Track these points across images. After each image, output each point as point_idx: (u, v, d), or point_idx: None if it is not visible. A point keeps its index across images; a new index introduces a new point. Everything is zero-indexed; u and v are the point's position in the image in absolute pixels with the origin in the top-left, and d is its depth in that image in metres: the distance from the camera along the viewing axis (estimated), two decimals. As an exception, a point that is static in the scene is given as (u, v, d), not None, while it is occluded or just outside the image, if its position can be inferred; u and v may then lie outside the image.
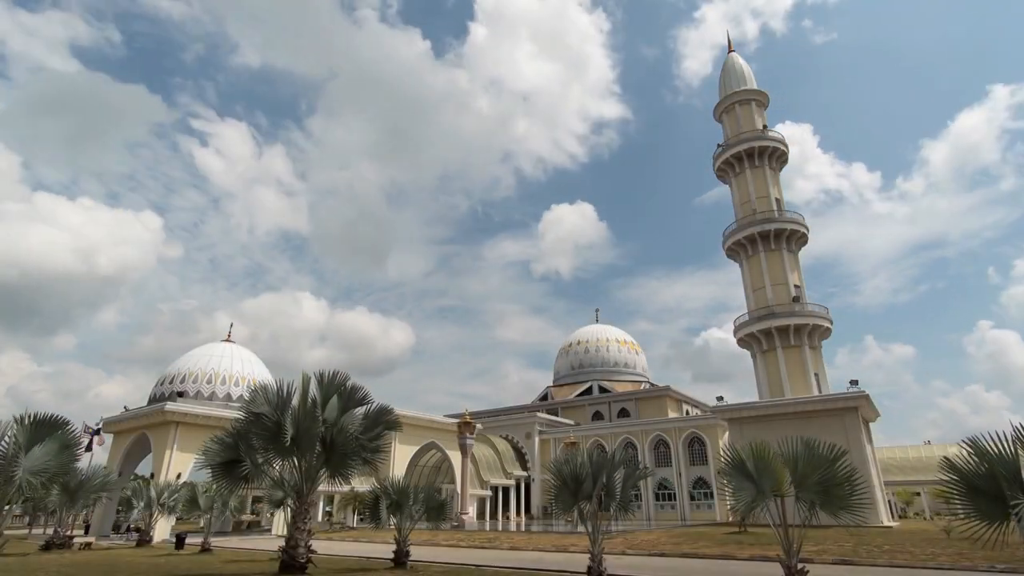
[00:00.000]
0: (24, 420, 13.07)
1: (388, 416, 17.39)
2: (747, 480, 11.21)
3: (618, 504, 13.75)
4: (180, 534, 27.79)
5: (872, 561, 18.26)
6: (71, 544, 26.98)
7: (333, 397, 16.31)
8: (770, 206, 52.16)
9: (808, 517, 10.82)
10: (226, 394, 42.19)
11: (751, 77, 58.64)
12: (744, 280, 52.73)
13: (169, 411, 36.25)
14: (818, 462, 10.76)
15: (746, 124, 55.93)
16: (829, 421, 40.12)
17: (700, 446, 56.82)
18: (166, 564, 19.18)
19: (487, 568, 17.23)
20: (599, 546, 13.41)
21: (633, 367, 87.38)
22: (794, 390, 45.78)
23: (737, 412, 45.18)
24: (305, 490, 16.08)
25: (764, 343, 48.72)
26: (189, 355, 44.83)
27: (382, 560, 19.24)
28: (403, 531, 18.23)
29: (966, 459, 7.91)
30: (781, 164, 55.57)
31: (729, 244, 53.63)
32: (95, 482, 26.96)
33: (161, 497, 28.87)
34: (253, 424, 15.79)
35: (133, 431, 40.25)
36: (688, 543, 24.95)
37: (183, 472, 35.19)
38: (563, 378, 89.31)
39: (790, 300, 48.73)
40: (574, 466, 13.99)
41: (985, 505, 7.59)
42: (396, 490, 18.45)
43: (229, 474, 15.86)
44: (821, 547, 21.32)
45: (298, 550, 15.47)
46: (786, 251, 50.76)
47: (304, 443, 15.64)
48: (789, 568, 10.53)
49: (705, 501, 54.93)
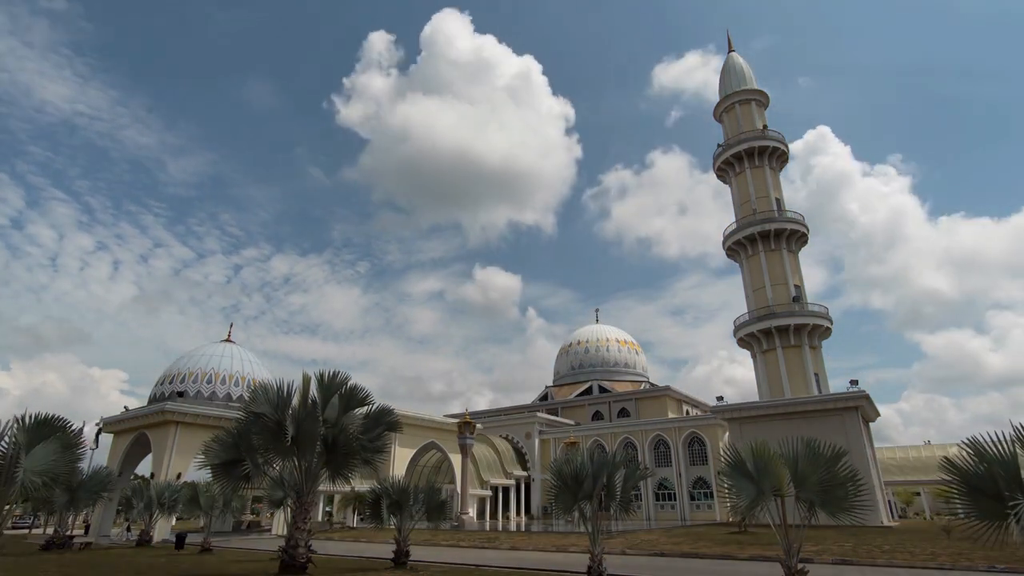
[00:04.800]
0: (25, 420, 13.04)
1: (389, 416, 17.40)
2: (747, 480, 11.21)
3: (618, 504, 13.76)
4: (180, 534, 27.81)
5: (872, 561, 18.29)
6: (71, 544, 26.99)
7: (334, 397, 16.33)
8: (770, 206, 52.16)
9: (808, 517, 10.83)
10: (226, 394, 42.19)
11: (751, 77, 58.62)
12: (744, 280, 52.72)
13: (169, 411, 36.26)
14: (818, 462, 10.77)
15: (746, 124, 55.92)
16: (829, 421, 40.17)
17: (700, 446, 56.79)
18: (166, 564, 19.19)
19: (487, 568, 17.25)
20: (599, 546, 13.42)
21: (633, 367, 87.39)
22: (794, 390, 45.79)
23: (737, 412, 45.23)
24: (305, 490, 16.09)
25: (764, 343, 48.73)
26: (189, 355, 44.79)
27: (382, 560, 19.25)
28: (403, 531, 18.26)
29: (966, 459, 7.91)
30: (781, 164, 55.57)
31: (729, 244, 53.61)
32: (95, 482, 26.98)
33: (161, 497, 28.87)
34: (253, 424, 15.79)
35: (133, 431, 40.25)
36: (688, 543, 24.95)
37: (183, 472, 35.20)
38: (563, 378, 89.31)
39: (790, 300, 48.75)
40: (574, 466, 13.99)
41: (985, 505, 7.59)
42: (396, 490, 18.48)
43: (229, 474, 15.87)
44: (821, 547, 21.33)
45: (298, 550, 15.48)
46: (786, 251, 50.76)
47: (304, 443, 15.64)
48: (789, 568, 10.53)
49: (705, 501, 54.90)
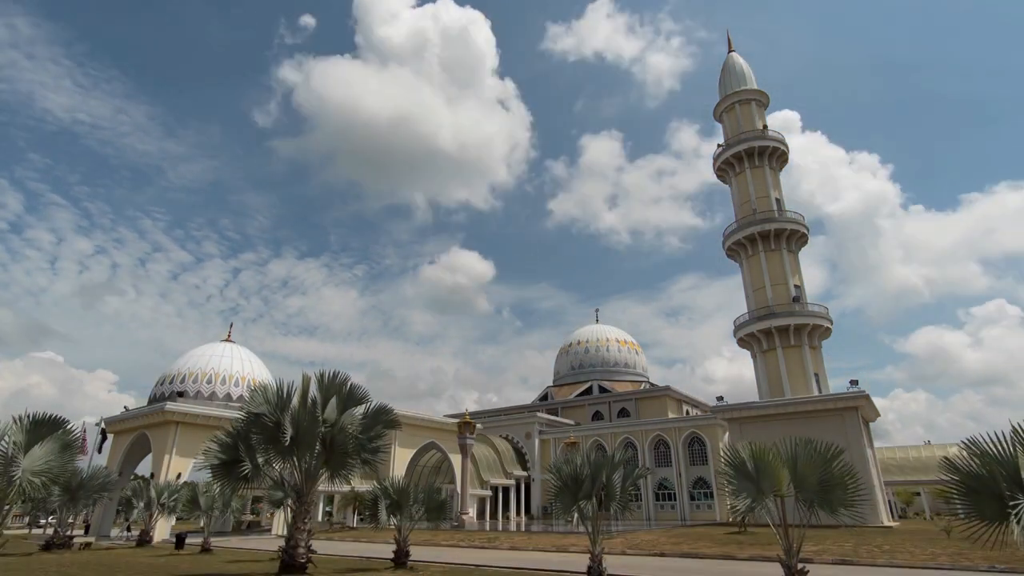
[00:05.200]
0: (22, 420, 13.02)
1: (387, 416, 17.41)
2: (747, 480, 11.20)
3: (618, 504, 13.75)
4: (180, 534, 27.79)
5: (872, 561, 18.27)
6: (71, 544, 26.98)
7: (333, 397, 16.32)
8: (770, 206, 52.13)
9: (808, 517, 10.82)
10: (226, 394, 42.20)
11: (751, 77, 58.57)
12: (744, 280, 52.69)
13: (169, 411, 36.25)
14: (817, 462, 10.75)
15: (746, 124, 55.89)
16: (829, 421, 40.17)
17: (700, 446, 56.77)
18: (166, 564, 19.19)
19: (487, 568, 17.24)
20: (599, 546, 13.41)
21: (633, 367, 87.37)
22: (794, 390, 45.77)
23: (737, 412, 45.24)
24: (305, 490, 16.08)
25: (764, 343, 48.70)
26: (189, 355, 44.82)
27: (382, 560, 19.24)
28: (403, 531, 18.24)
29: (966, 459, 7.90)
30: (781, 164, 55.53)
31: (729, 244, 53.59)
32: (95, 482, 26.98)
33: (161, 497, 28.87)
34: (253, 424, 15.79)
35: (133, 431, 40.25)
36: (688, 543, 24.95)
37: (183, 472, 35.20)
38: (563, 378, 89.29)
39: (790, 300, 48.73)
40: (574, 466, 13.99)
41: (985, 505, 7.58)
42: (396, 490, 18.45)
43: (229, 474, 15.85)
44: (821, 547, 21.32)
45: (298, 550, 15.47)
46: (786, 251, 50.74)
47: (304, 443, 15.64)
48: (789, 568, 10.52)
49: (705, 501, 54.90)
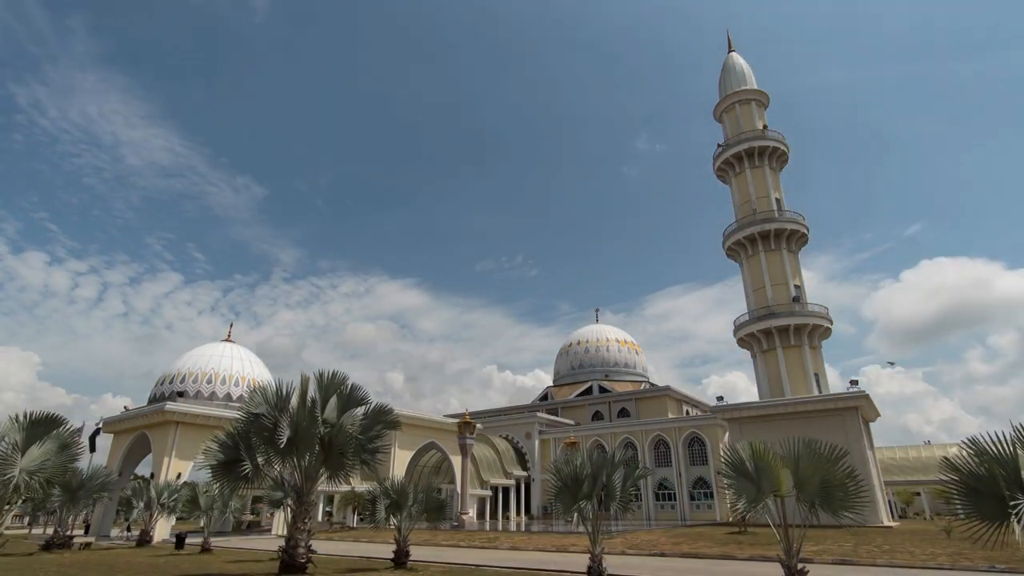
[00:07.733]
0: (20, 419, 13.00)
1: (387, 416, 17.39)
2: (747, 480, 11.20)
3: (618, 504, 13.74)
4: (180, 534, 27.77)
5: (872, 561, 18.26)
6: (71, 544, 26.97)
7: (332, 397, 16.31)
8: (770, 206, 52.12)
9: (808, 517, 10.81)
10: (226, 394, 42.19)
11: (751, 77, 58.57)
12: (744, 280, 52.69)
13: (169, 411, 36.22)
14: (818, 462, 10.74)
15: (746, 124, 55.88)
16: (829, 421, 40.14)
17: (700, 446, 56.73)
18: (166, 564, 19.17)
19: (487, 568, 17.24)
20: (599, 546, 13.40)
21: (633, 367, 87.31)
22: (794, 390, 45.75)
23: (737, 412, 45.19)
24: (305, 490, 16.07)
25: (764, 343, 48.69)
26: (189, 355, 44.80)
27: (382, 560, 19.24)
28: (403, 531, 18.23)
29: (966, 459, 7.89)
30: (781, 164, 55.51)
31: (729, 244, 53.60)
32: (95, 482, 26.95)
33: (161, 497, 28.86)
34: (252, 424, 15.79)
35: (133, 431, 40.23)
36: (688, 543, 24.93)
37: (183, 472, 35.19)
38: (563, 378, 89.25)
39: (790, 300, 48.72)
40: (574, 466, 13.98)
41: (985, 505, 7.57)
42: (396, 490, 18.45)
43: (229, 474, 15.84)
44: (821, 547, 21.31)
45: (298, 550, 15.47)
46: (786, 251, 50.73)
47: (303, 443, 15.63)
48: (789, 568, 10.51)
49: (705, 501, 54.85)
